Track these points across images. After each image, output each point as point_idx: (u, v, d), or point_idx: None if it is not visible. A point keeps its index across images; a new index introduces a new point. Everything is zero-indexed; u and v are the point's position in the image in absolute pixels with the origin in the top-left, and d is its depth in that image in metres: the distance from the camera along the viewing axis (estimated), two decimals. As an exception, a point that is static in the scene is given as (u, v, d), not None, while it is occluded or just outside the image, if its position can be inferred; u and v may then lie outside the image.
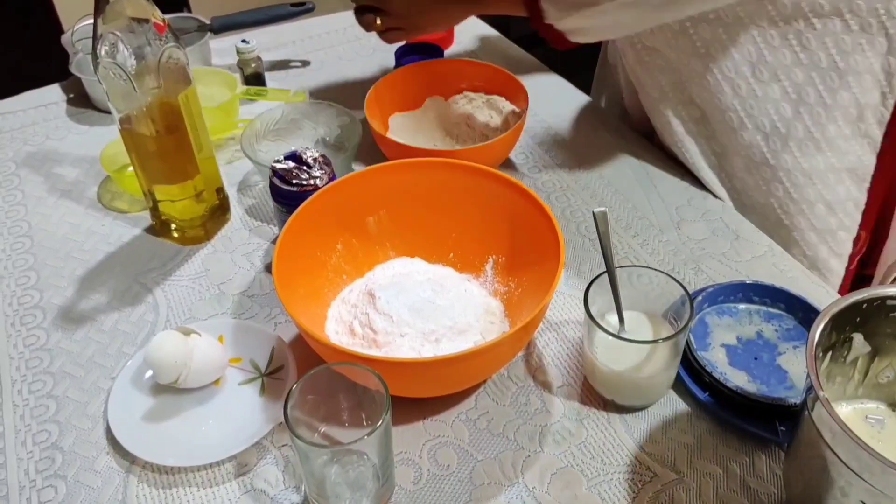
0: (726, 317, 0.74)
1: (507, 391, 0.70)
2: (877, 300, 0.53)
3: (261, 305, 0.79)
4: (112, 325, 0.78)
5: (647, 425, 0.67)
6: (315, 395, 0.60)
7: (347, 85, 1.13)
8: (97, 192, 0.94)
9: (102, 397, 0.70)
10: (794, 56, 0.81)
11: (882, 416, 0.58)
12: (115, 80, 0.72)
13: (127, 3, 0.70)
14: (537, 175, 0.95)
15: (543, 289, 0.65)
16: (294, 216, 0.72)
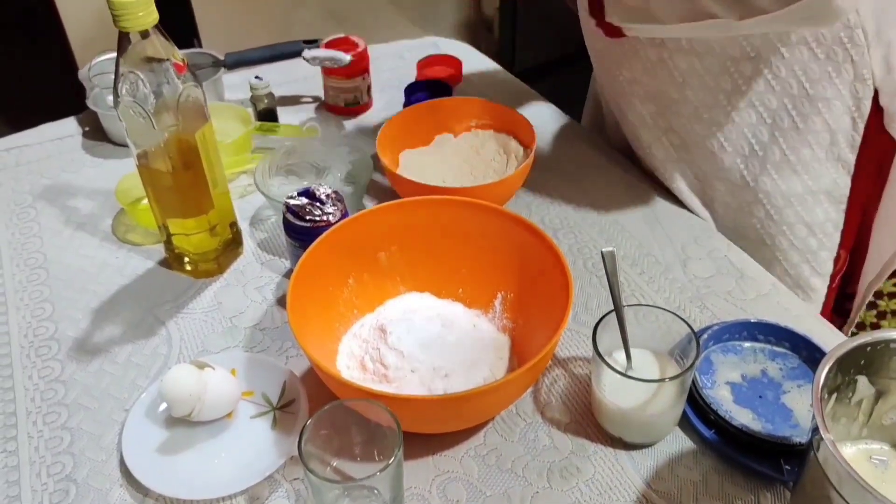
0: (731, 355, 0.75)
1: (516, 427, 0.71)
2: (881, 343, 0.55)
3: (272, 339, 0.80)
4: (126, 357, 0.79)
5: (654, 462, 0.68)
6: (328, 430, 0.61)
7: (358, 121, 1.15)
8: (112, 224, 0.95)
9: (116, 429, 0.71)
10: (767, 83, 0.84)
11: (886, 457, 0.59)
12: (135, 117, 0.74)
13: (148, 44, 0.72)
14: (545, 212, 0.96)
15: (552, 326, 0.67)
16: (308, 252, 0.73)
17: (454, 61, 1.23)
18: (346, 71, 1.10)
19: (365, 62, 1.12)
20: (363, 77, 1.13)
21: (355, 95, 1.13)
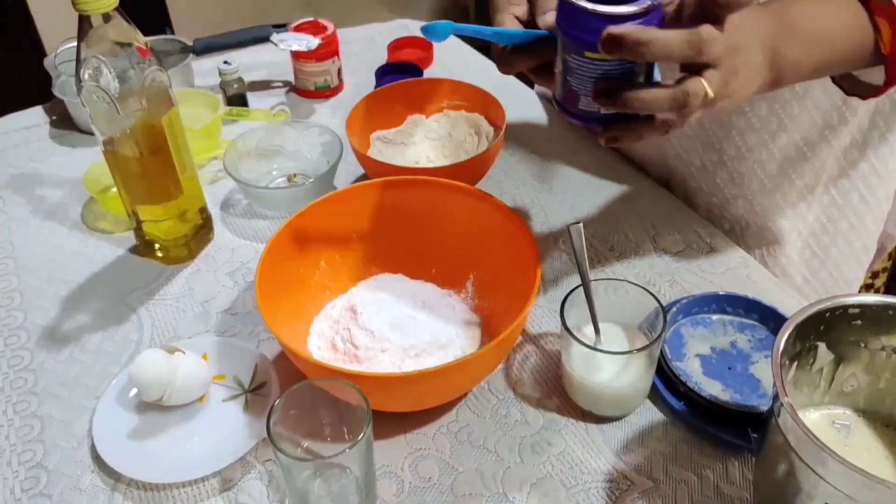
0: (701, 328, 0.76)
1: (488, 404, 0.72)
2: (839, 308, 0.55)
3: (244, 323, 0.80)
4: (96, 344, 0.78)
5: (624, 435, 0.69)
6: (297, 410, 0.61)
7: (330, 105, 1.15)
8: (81, 213, 0.95)
9: (87, 416, 0.71)
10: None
11: (849, 421, 0.60)
12: (99, 103, 0.74)
13: (110, 28, 0.71)
14: (516, 191, 0.96)
15: (521, 304, 0.67)
16: (276, 235, 0.73)
17: (425, 43, 1.23)
18: (316, 54, 1.10)
19: (334, 45, 1.12)
20: (333, 60, 1.12)
21: (325, 79, 1.13)
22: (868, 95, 0.71)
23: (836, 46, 0.65)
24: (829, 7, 0.63)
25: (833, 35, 0.64)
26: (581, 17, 0.54)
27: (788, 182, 0.88)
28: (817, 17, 0.62)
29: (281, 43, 1.07)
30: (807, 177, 0.87)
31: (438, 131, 1.00)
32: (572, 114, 0.61)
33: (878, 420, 0.60)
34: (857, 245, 0.94)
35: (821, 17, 0.63)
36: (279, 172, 0.98)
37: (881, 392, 0.59)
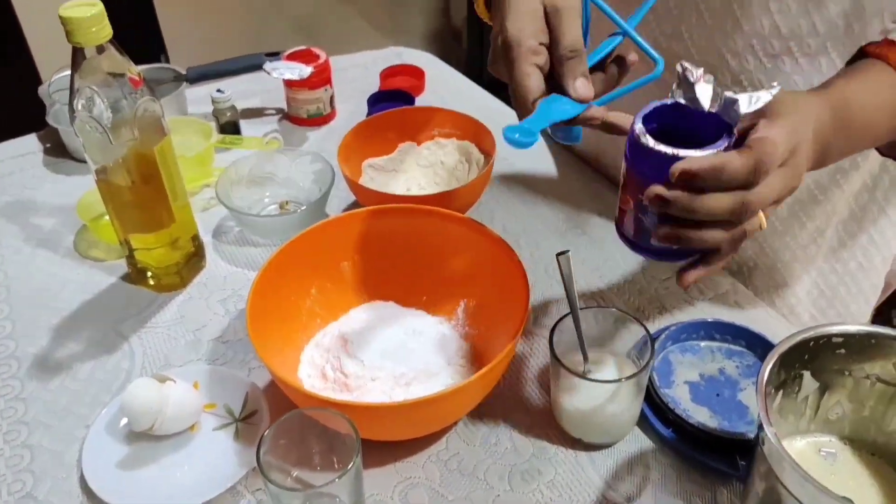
0: (689, 354, 0.77)
1: (478, 432, 0.72)
2: (823, 338, 0.56)
3: (235, 351, 0.80)
4: (88, 373, 0.78)
5: (614, 462, 0.69)
6: (287, 439, 0.61)
7: (322, 132, 1.16)
8: (74, 240, 0.95)
9: (77, 446, 0.71)
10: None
11: (835, 449, 0.60)
12: (92, 132, 0.74)
13: (103, 59, 0.72)
14: (507, 218, 0.97)
15: (512, 331, 0.68)
16: (267, 263, 0.74)
17: (417, 71, 1.24)
18: (309, 82, 1.11)
19: (327, 73, 1.13)
20: (325, 88, 1.14)
21: (318, 106, 1.14)
22: None
23: (881, 134, 0.68)
24: (879, 98, 0.65)
25: (881, 125, 0.66)
26: (664, 160, 0.54)
27: (799, 224, 0.88)
28: (869, 110, 0.64)
29: (273, 71, 1.09)
30: (818, 220, 0.88)
31: (430, 159, 1.01)
32: (646, 249, 0.61)
33: (863, 448, 0.60)
34: (866, 285, 0.94)
35: (873, 111, 0.65)
36: (271, 200, 0.99)
37: (866, 420, 0.59)
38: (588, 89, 0.60)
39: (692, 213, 0.54)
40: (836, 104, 0.62)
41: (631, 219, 0.60)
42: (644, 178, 0.56)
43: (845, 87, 0.64)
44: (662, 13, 0.81)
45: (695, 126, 0.57)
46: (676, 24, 0.81)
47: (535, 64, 0.60)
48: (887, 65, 0.65)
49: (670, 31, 0.82)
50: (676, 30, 0.81)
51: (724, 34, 0.78)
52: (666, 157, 0.54)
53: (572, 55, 0.60)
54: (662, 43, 0.83)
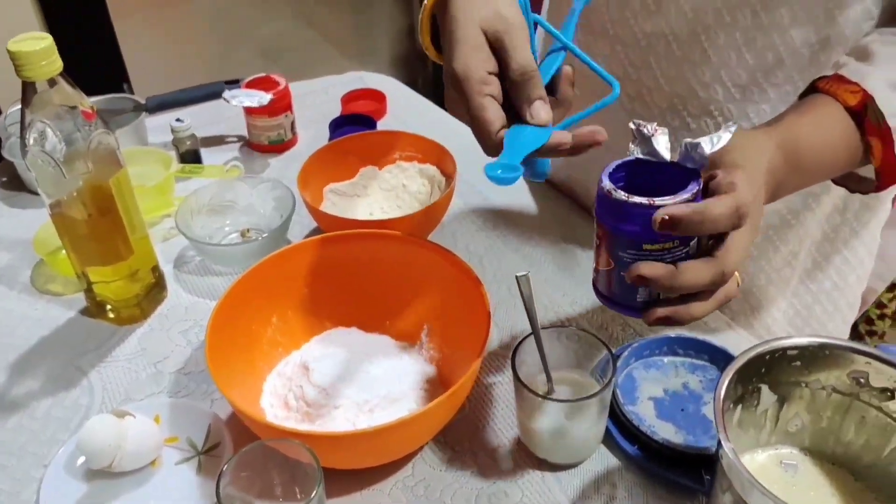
0: (653, 370, 0.77)
1: (444, 456, 0.71)
2: (778, 351, 0.57)
3: (197, 382, 0.79)
4: (45, 411, 0.77)
5: (580, 482, 0.69)
6: (249, 471, 0.60)
7: (284, 158, 1.15)
8: (31, 275, 0.94)
9: (34, 486, 0.69)
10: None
11: (795, 460, 0.61)
12: (44, 166, 0.73)
13: (55, 92, 0.71)
14: (470, 239, 0.97)
15: (474, 354, 0.67)
16: (227, 292, 0.73)
17: (378, 95, 1.25)
18: (269, 109, 1.10)
19: (287, 100, 1.13)
20: (286, 114, 1.13)
21: (279, 133, 1.14)
22: (860, 190, 0.74)
23: (832, 170, 0.70)
24: (829, 135, 0.66)
25: (831, 161, 0.68)
26: (639, 212, 0.55)
27: (773, 248, 0.89)
28: (819, 147, 0.65)
29: (233, 99, 1.08)
30: (791, 243, 0.89)
31: (392, 182, 1.01)
32: (629, 307, 0.60)
33: (824, 458, 0.61)
34: (842, 303, 0.95)
35: (823, 149, 0.66)
36: (232, 228, 0.98)
37: (824, 430, 0.60)
38: (547, 111, 0.59)
39: (673, 291, 0.56)
40: (787, 145, 0.63)
41: (615, 279, 0.59)
42: (623, 234, 0.56)
43: (795, 126, 0.65)
44: (630, 43, 0.82)
45: (659, 178, 0.57)
46: (645, 55, 0.82)
47: (488, 94, 0.58)
48: (836, 101, 0.66)
49: (639, 63, 0.83)
50: (645, 60, 0.82)
51: (692, 65, 0.79)
52: (643, 207, 0.54)
53: (523, 77, 0.58)
54: (632, 74, 0.84)
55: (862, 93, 0.65)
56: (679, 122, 0.84)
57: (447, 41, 0.61)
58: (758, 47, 0.76)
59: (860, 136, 0.66)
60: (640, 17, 0.80)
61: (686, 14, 0.77)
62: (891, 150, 0.66)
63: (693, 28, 0.77)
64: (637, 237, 0.56)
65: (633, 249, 0.57)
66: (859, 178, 0.73)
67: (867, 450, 0.58)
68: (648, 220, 0.54)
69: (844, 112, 0.66)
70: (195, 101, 1.16)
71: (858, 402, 0.58)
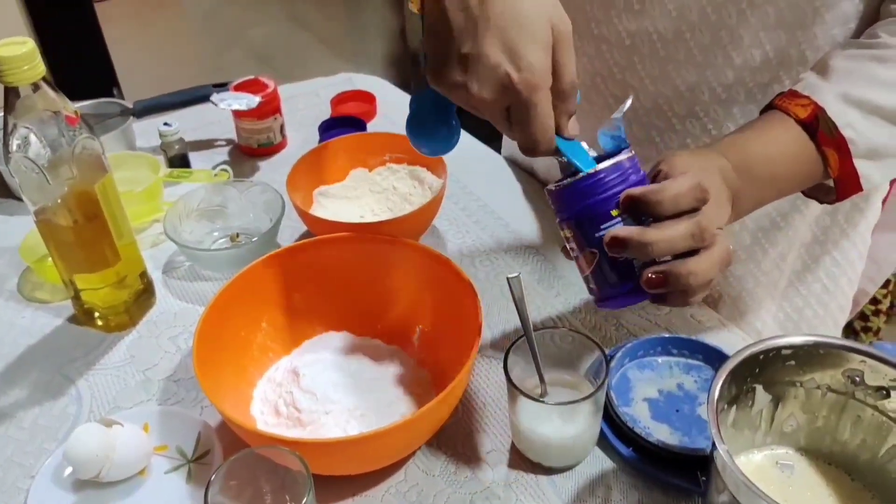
0: (647, 371, 0.76)
1: (437, 461, 0.71)
2: (772, 350, 0.56)
3: (187, 389, 0.78)
4: (32, 420, 0.76)
5: (575, 485, 0.68)
6: (238, 479, 0.59)
7: (273, 161, 1.14)
8: (17, 283, 0.92)
9: (21, 498, 0.68)
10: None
11: (791, 461, 0.60)
12: (28, 173, 0.72)
13: (38, 98, 0.71)
14: (462, 240, 0.97)
15: (466, 356, 0.67)
16: (215, 298, 0.72)
17: (368, 96, 1.24)
18: (257, 112, 1.10)
19: (276, 102, 1.12)
20: (275, 117, 1.13)
21: (268, 136, 1.13)
22: (828, 201, 0.73)
23: (790, 182, 0.69)
24: (780, 147, 0.66)
25: (786, 173, 0.67)
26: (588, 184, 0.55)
27: (762, 251, 0.88)
28: (770, 158, 0.65)
29: (221, 103, 1.07)
30: (780, 246, 0.88)
31: (382, 184, 1.01)
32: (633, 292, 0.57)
33: (820, 458, 0.60)
34: (833, 306, 0.95)
35: (774, 159, 0.66)
36: (221, 233, 0.97)
37: (820, 430, 0.59)
38: (575, 127, 0.58)
39: (650, 248, 0.53)
40: (733, 155, 0.63)
41: (607, 266, 0.57)
42: (587, 211, 0.56)
43: (743, 141, 0.65)
44: (615, 43, 0.82)
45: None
46: (629, 55, 0.81)
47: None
48: (787, 115, 0.66)
49: (624, 63, 0.82)
50: (629, 60, 0.82)
51: (677, 65, 0.79)
52: (588, 177, 0.55)
53: (572, 90, 0.56)
54: (616, 74, 0.83)
55: (812, 105, 0.65)
56: (664, 123, 0.83)
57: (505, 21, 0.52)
58: (744, 46, 0.75)
59: (815, 147, 0.66)
60: (624, 16, 0.80)
61: (670, 13, 0.76)
62: (848, 160, 0.66)
63: (678, 27, 0.77)
64: (600, 206, 0.55)
65: (603, 222, 0.55)
66: (827, 189, 0.73)
67: (863, 449, 0.58)
68: (601, 188, 0.55)
69: (794, 124, 0.66)
70: (183, 105, 1.15)
71: (854, 401, 0.57)
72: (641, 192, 0.54)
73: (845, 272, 0.93)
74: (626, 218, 0.55)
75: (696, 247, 0.54)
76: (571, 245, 0.59)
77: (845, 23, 0.73)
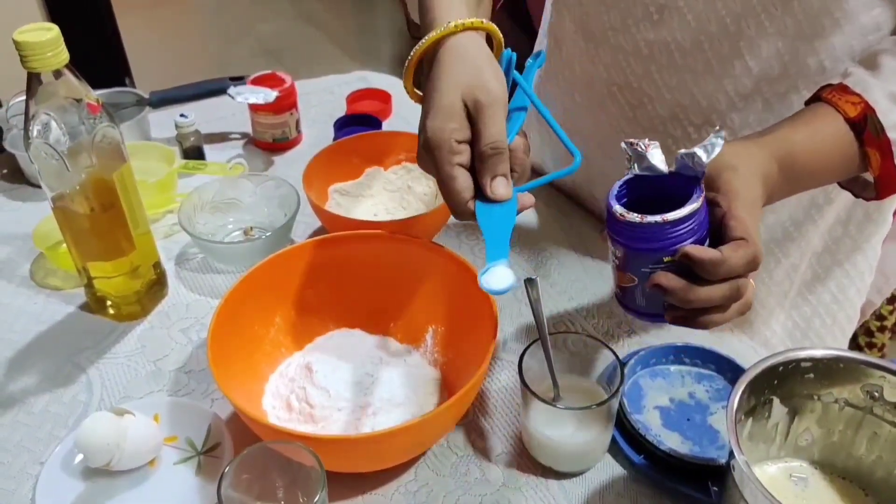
0: (659, 379, 0.76)
1: (447, 461, 0.70)
2: (791, 363, 0.56)
3: (198, 381, 0.78)
4: (42, 407, 0.76)
5: (585, 490, 0.68)
6: (250, 473, 0.59)
7: (287, 157, 1.14)
8: (30, 269, 0.92)
9: (31, 483, 0.68)
10: None
11: (806, 474, 0.60)
12: (48, 159, 0.72)
13: (60, 84, 0.70)
14: (475, 242, 0.97)
15: (480, 358, 0.66)
16: (230, 291, 0.72)
17: (383, 95, 1.24)
18: (274, 107, 1.09)
19: (292, 98, 1.12)
20: (291, 113, 1.12)
21: (283, 131, 1.13)
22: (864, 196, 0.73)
23: (826, 177, 0.70)
24: (825, 143, 0.66)
25: (825, 168, 0.68)
26: (654, 230, 0.56)
27: (775, 261, 0.88)
28: (814, 154, 0.66)
29: (238, 96, 1.07)
30: (792, 256, 0.88)
31: (397, 183, 1.00)
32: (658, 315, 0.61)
33: (834, 472, 0.60)
34: (841, 316, 0.94)
35: (818, 155, 0.66)
36: (235, 226, 0.97)
37: (835, 445, 0.59)
38: (507, 188, 0.60)
39: (689, 304, 0.56)
40: (782, 155, 0.63)
41: (640, 293, 0.60)
42: (642, 252, 0.58)
43: (791, 136, 0.65)
44: (632, 52, 0.82)
45: (661, 189, 0.58)
46: (647, 65, 0.81)
47: (458, 164, 0.59)
48: (836, 111, 0.66)
49: (641, 72, 0.82)
50: (647, 69, 0.82)
51: (694, 74, 0.79)
52: (657, 224, 0.56)
53: (493, 152, 0.59)
54: (633, 83, 0.83)
55: (863, 104, 0.65)
56: (681, 132, 0.83)
57: (426, 102, 0.62)
58: (762, 56, 0.75)
59: (858, 146, 0.66)
60: (642, 26, 0.80)
61: (689, 23, 0.76)
62: (890, 162, 0.66)
63: (696, 37, 0.77)
64: (655, 253, 0.57)
65: (653, 263, 0.58)
66: (864, 184, 0.73)
67: (879, 465, 0.58)
68: (664, 236, 0.56)
69: (843, 122, 0.66)
70: (199, 97, 1.15)
71: (871, 416, 0.57)
72: (701, 258, 0.55)
73: (854, 283, 0.93)
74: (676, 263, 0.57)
75: (728, 305, 0.57)
76: (613, 257, 0.61)
77: (864, 35, 0.73)
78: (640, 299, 0.61)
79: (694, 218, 0.56)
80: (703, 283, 0.56)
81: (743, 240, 0.55)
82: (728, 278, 0.55)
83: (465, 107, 0.60)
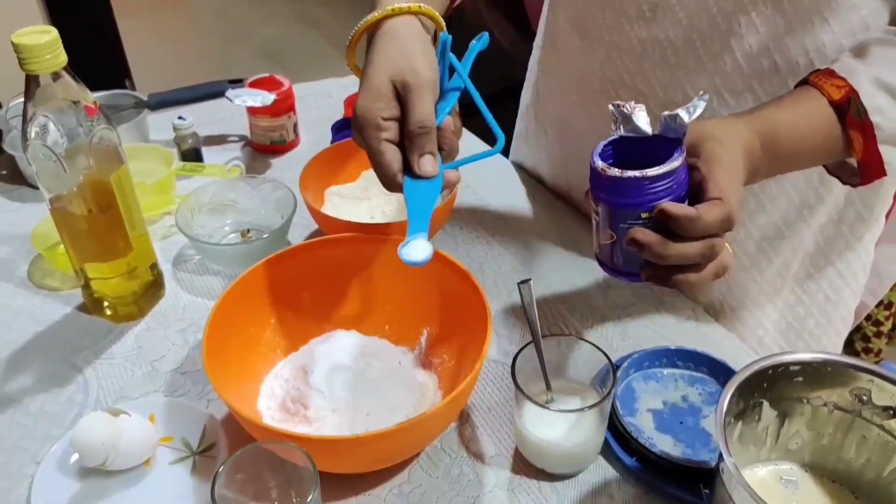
0: (652, 382, 0.77)
1: (441, 463, 0.71)
2: (780, 366, 0.56)
3: (194, 382, 0.79)
4: (39, 407, 0.76)
5: (578, 493, 0.68)
6: (244, 473, 0.60)
7: (285, 159, 1.15)
8: (28, 270, 0.93)
9: (26, 483, 0.69)
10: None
11: (796, 476, 0.61)
12: (45, 161, 0.73)
13: (58, 86, 0.71)
14: (471, 245, 0.97)
15: (473, 360, 0.67)
16: (226, 292, 0.72)
17: (382, 98, 1.24)
18: (272, 110, 1.10)
19: (290, 101, 1.13)
20: (289, 115, 1.13)
21: (281, 134, 1.13)
22: (851, 183, 0.74)
23: (809, 159, 0.71)
24: (809, 124, 0.67)
25: (808, 150, 0.69)
26: (634, 184, 0.57)
27: (766, 260, 0.89)
28: (797, 135, 0.67)
29: (236, 99, 1.08)
30: (784, 254, 0.88)
31: (393, 186, 1.01)
32: (633, 274, 0.62)
33: (824, 475, 0.60)
34: (835, 317, 0.95)
35: (800, 136, 0.67)
36: (232, 228, 0.97)
37: (825, 448, 0.60)
38: (434, 166, 0.63)
39: (663, 259, 0.57)
40: (764, 133, 0.64)
41: (619, 250, 0.61)
42: (622, 207, 0.59)
43: (775, 116, 0.66)
44: (626, 50, 0.82)
45: (645, 150, 0.59)
46: (640, 62, 0.82)
47: (385, 139, 0.63)
48: (821, 94, 0.67)
49: (634, 69, 0.83)
50: (640, 67, 0.82)
51: (687, 71, 0.80)
52: (636, 179, 0.57)
53: (420, 131, 0.62)
54: (627, 80, 0.84)
55: (847, 88, 0.66)
56: None
57: (361, 82, 0.65)
58: (753, 54, 0.76)
59: (841, 129, 0.67)
60: (635, 23, 0.81)
61: (681, 21, 0.77)
62: (873, 143, 0.67)
63: (688, 35, 0.78)
64: (635, 208, 0.58)
65: (632, 219, 0.59)
66: (852, 170, 0.74)
67: (868, 468, 0.58)
68: (643, 191, 0.57)
69: (827, 105, 0.67)
70: (197, 100, 1.15)
71: (860, 419, 0.58)
72: (676, 214, 0.56)
73: (848, 283, 0.93)
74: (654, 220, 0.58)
75: (704, 263, 0.58)
76: (595, 215, 0.62)
77: (854, 34, 0.74)
78: (619, 257, 0.62)
79: (673, 176, 0.57)
80: (679, 241, 0.57)
81: (718, 199, 0.57)
82: (703, 236, 0.57)
83: (393, 88, 0.63)
